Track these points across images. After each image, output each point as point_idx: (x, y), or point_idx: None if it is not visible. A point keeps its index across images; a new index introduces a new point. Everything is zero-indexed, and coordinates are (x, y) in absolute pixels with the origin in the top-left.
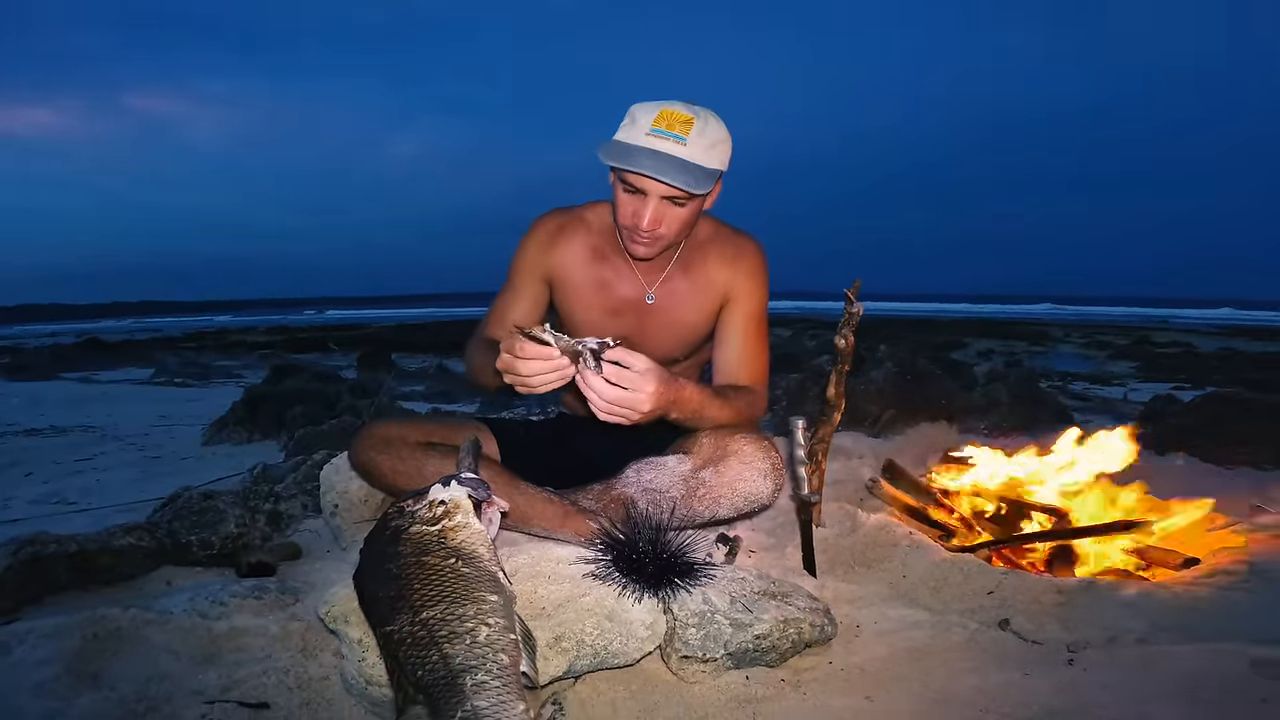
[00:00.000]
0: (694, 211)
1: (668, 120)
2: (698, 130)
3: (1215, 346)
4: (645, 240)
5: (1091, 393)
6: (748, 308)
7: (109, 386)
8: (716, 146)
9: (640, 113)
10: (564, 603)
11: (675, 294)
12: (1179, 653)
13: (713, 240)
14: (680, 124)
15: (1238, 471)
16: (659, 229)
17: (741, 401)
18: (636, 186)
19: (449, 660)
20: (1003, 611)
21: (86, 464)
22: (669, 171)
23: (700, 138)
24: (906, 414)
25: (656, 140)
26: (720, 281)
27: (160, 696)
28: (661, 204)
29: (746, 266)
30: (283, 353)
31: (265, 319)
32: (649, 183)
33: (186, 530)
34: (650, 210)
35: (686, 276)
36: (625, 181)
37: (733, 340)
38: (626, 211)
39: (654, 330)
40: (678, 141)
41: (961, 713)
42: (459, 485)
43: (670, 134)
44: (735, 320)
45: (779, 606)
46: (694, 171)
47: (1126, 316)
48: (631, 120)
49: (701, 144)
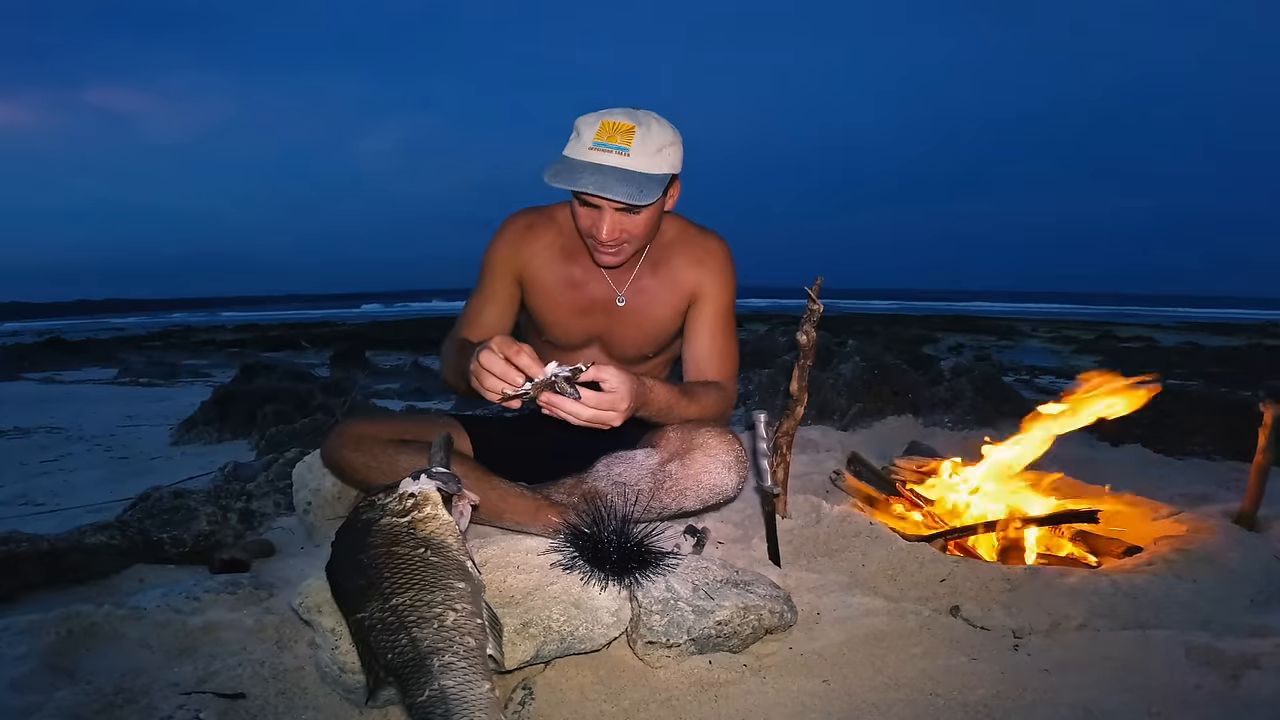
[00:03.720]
0: (653, 216)
1: (609, 132)
2: (640, 139)
3: (1176, 341)
4: (610, 250)
5: (1056, 386)
6: (716, 306)
7: (73, 386)
8: (663, 151)
9: (584, 127)
10: (532, 591)
11: (644, 293)
12: (1118, 639)
13: (679, 240)
14: (622, 134)
15: (1188, 462)
16: (621, 237)
17: (709, 399)
18: (589, 201)
19: (417, 643)
20: (954, 599)
21: (53, 465)
22: (612, 186)
23: (644, 145)
24: (873, 408)
25: (599, 154)
26: (688, 281)
27: (137, 689)
28: (616, 215)
29: (714, 265)
30: (253, 351)
31: (234, 316)
32: (597, 198)
33: (158, 528)
34: (607, 223)
35: (655, 276)
36: (577, 196)
37: (701, 338)
38: (586, 224)
39: (623, 329)
40: (620, 153)
41: (911, 695)
42: (429, 479)
43: (613, 146)
44: (704, 318)
45: (740, 594)
46: (638, 181)
47: (1091, 315)
48: (576, 135)
49: (646, 151)
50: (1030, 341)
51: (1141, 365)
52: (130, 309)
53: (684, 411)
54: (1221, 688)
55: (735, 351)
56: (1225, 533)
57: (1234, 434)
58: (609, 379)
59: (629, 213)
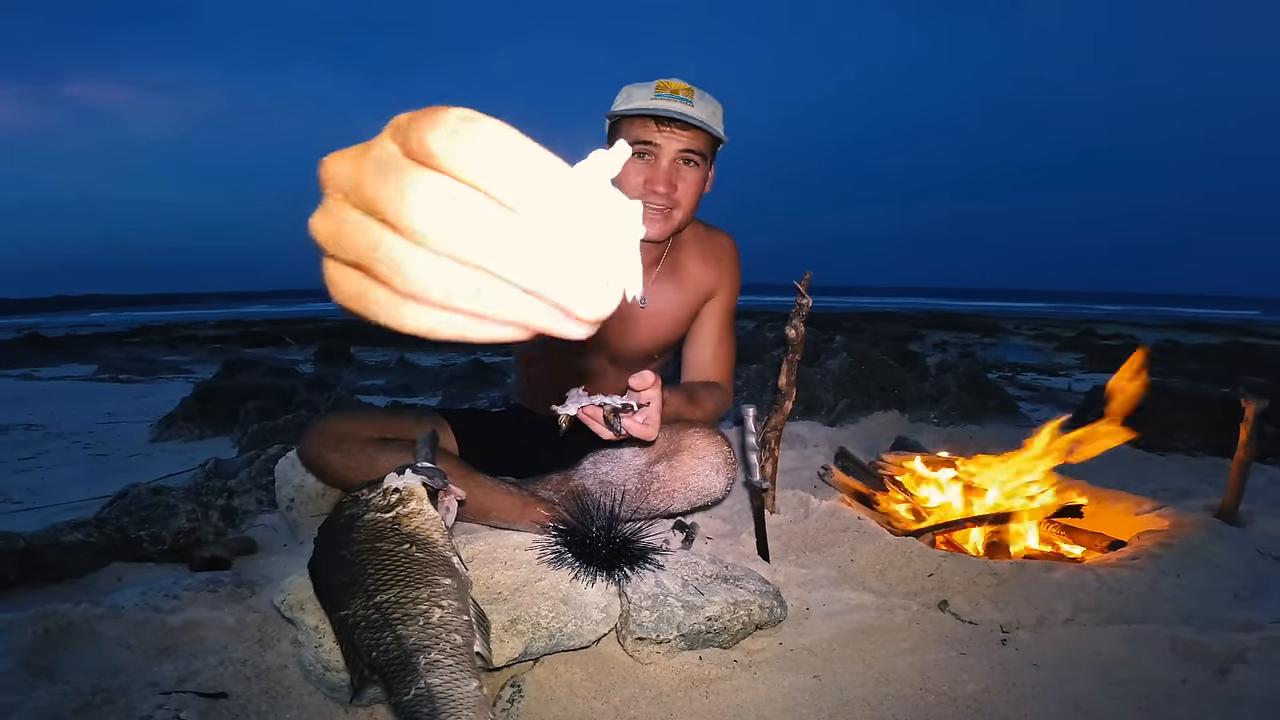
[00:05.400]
0: (699, 183)
1: (670, 87)
2: (699, 96)
3: (1156, 339)
4: (660, 205)
5: (1038, 383)
6: (724, 306)
7: (50, 383)
8: (716, 114)
9: (636, 88)
10: (520, 587)
11: (664, 296)
12: (1104, 633)
13: (693, 238)
14: (683, 90)
15: (1170, 457)
16: (675, 192)
17: (712, 403)
18: (651, 143)
19: (403, 641)
20: (942, 593)
21: (30, 463)
22: (688, 112)
23: (703, 102)
24: (861, 403)
25: (664, 103)
26: (704, 280)
27: (116, 688)
28: (674, 164)
29: (727, 265)
30: (235, 347)
31: (216, 312)
32: (666, 136)
33: (136, 526)
34: (664, 169)
35: (674, 278)
36: (637, 142)
37: (708, 339)
38: (637, 181)
39: (638, 331)
40: (685, 103)
41: (901, 690)
42: (414, 474)
43: (676, 97)
44: (712, 319)
45: (729, 589)
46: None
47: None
48: (628, 95)
49: (706, 108)
50: (1013, 339)
51: (1121, 362)
52: (110, 304)
53: (689, 417)
54: (1208, 682)
55: (734, 350)
56: (1208, 527)
57: (1214, 430)
58: (651, 414)
59: (685, 164)
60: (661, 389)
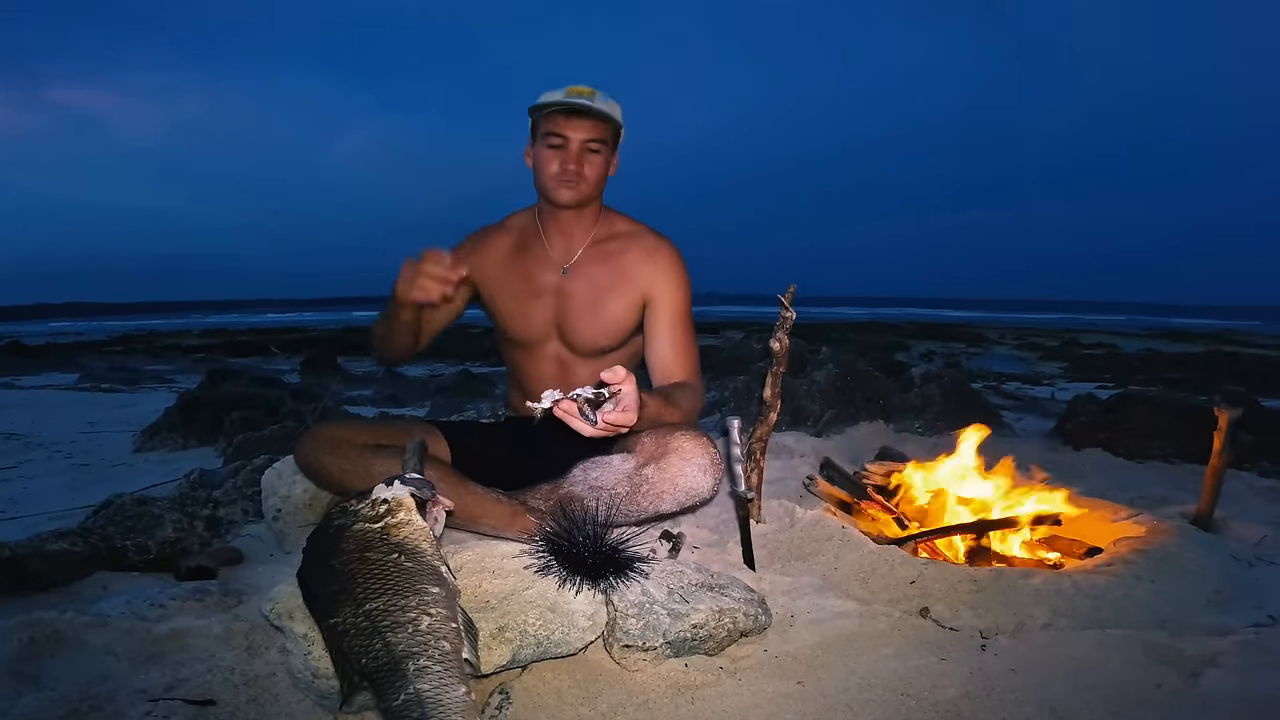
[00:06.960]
0: (605, 164)
1: (577, 90)
2: (600, 96)
3: (1138, 348)
4: (571, 179)
5: (1022, 392)
6: (672, 304)
7: (32, 392)
8: (616, 109)
9: (551, 93)
10: (508, 595)
11: (592, 277)
12: (1080, 639)
13: (631, 236)
14: (587, 92)
15: (1148, 465)
16: (582, 170)
17: (687, 401)
18: (561, 134)
19: (392, 648)
20: (923, 600)
21: (11, 472)
22: (590, 108)
23: (604, 100)
24: (846, 414)
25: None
26: (640, 277)
27: (103, 696)
28: (581, 151)
29: (664, 262)
30: (220, 357)
31: (201, 321)
32: (573, 126)
33: (121, 535)
34: (574, 153)
35: (604, 264)
36: (550, 134)
37: (663, 339)
38: (552, 166)
39: (575, 314)
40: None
41: (883, 696)
42: (402, 484)
43: (581, 97)
44: (662, 319)
45: (715, 597)
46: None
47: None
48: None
49: (606, 103)
50: (998, 348)
51: (1103, 371)
52: (92, 312)
53: (669, 418)
54: (1181, 686)
55: (696, 349)
56: (1183, 534)
57: (1192, 437)
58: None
59: (590, 151)
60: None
